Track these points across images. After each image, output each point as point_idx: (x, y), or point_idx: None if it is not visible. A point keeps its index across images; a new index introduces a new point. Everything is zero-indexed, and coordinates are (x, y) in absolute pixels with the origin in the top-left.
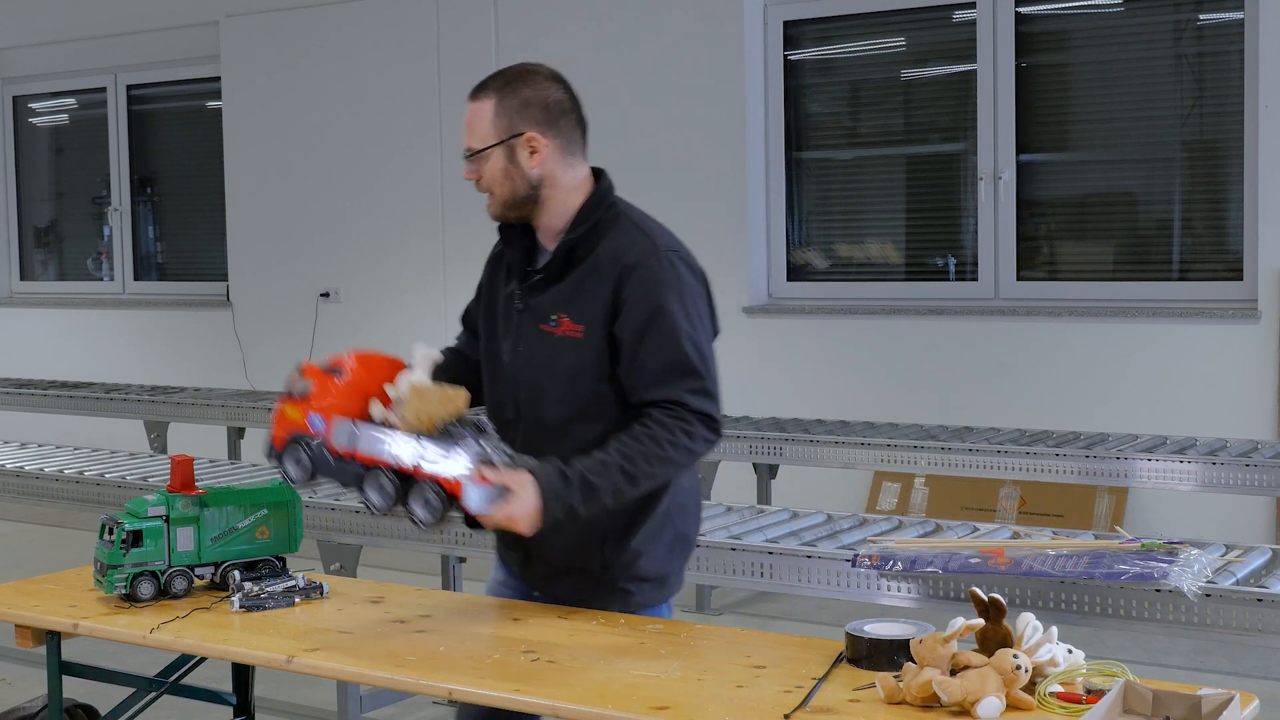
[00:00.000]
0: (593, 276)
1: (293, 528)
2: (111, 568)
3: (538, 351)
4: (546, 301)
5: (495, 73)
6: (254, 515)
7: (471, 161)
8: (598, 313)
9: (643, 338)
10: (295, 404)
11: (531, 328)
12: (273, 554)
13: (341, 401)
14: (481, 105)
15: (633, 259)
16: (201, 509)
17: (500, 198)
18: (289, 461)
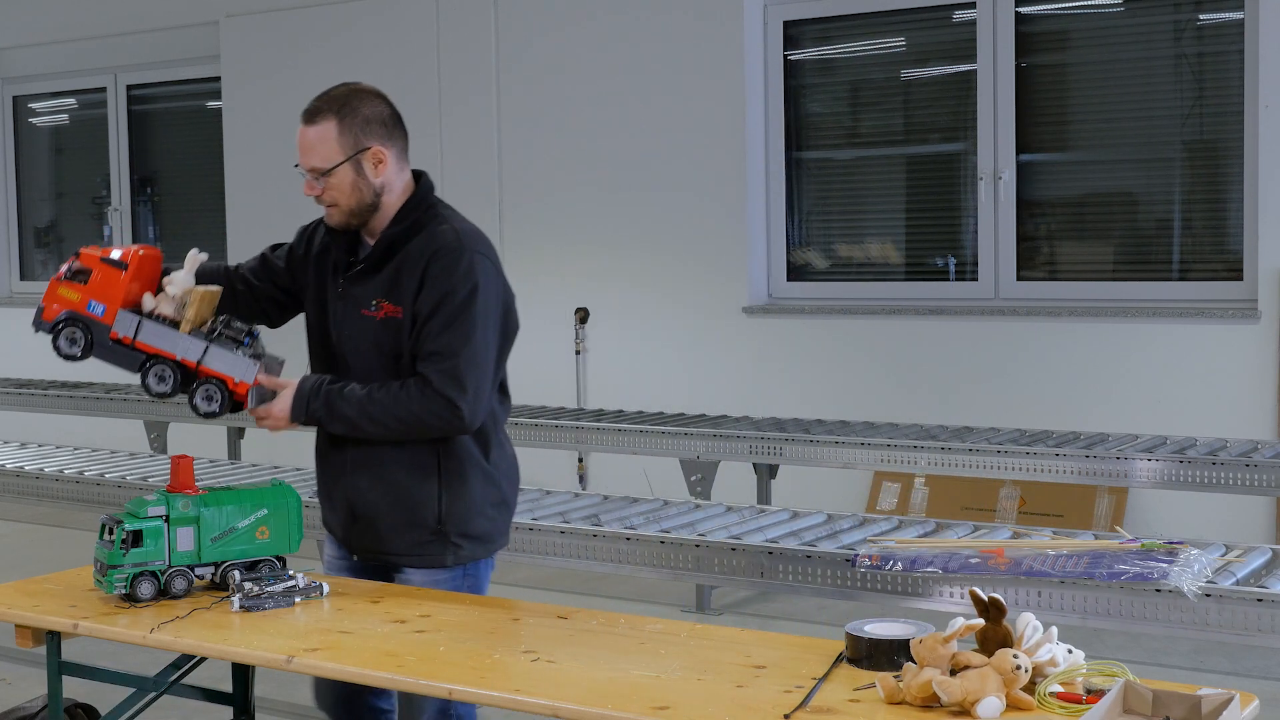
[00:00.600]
0: (407, 265)
1: (292, 528)
2: (111, 568)
3: (362, 334)
4: (367, 290)
5: (323, 96)
6: (254, 515)
7: (316, 179)
8: (411, 295)
9: (429, 317)
10: (72, 286)
11: (354, 313)
12: (273, 554)
13: (120, 292)
14: (322, 127)
15: (438, 248)
16: (201, 509)
17: (346, 208)
18: (64, 339)
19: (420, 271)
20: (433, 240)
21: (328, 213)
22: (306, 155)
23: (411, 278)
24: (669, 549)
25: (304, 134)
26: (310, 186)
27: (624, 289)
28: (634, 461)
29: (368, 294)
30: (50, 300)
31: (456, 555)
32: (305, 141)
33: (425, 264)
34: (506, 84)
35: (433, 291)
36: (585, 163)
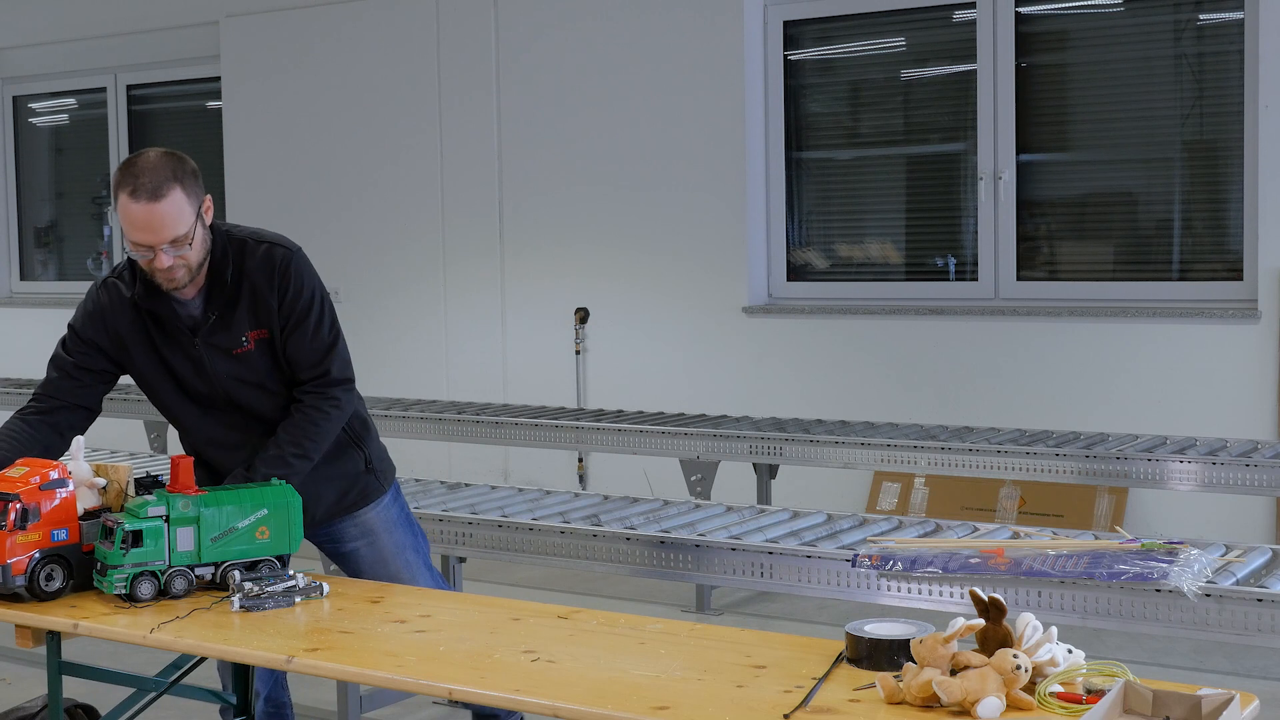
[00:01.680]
0: (257, 289)
1: (293, 528)
2: (111, 568)
3: (242, 369)
4: (231, 332)
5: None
6: (254, 515)
7: (179, 246)
8: (272, 312)
9: (296, 326)
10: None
11: (225, 358)
12: (272, 554)
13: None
14: (172, 198)
15: (274, 264)
16: (201, 509)
17: (196, 263)
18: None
19: (275, 289)
20: (269, 258)
21: (169, 278)
22: (163, 230)
23: (266, 298)
24: (669, 549)
25: (154, 211)
26: (162, 259)
27: (624, 289)
28: (634, 461)
29: (232, 336)
30: (12, 554)
31: (385, 479)
32: (157, 218)
33: (275, 281)
34: (506, 84)
35: (293, 301)
36: (585, 162)
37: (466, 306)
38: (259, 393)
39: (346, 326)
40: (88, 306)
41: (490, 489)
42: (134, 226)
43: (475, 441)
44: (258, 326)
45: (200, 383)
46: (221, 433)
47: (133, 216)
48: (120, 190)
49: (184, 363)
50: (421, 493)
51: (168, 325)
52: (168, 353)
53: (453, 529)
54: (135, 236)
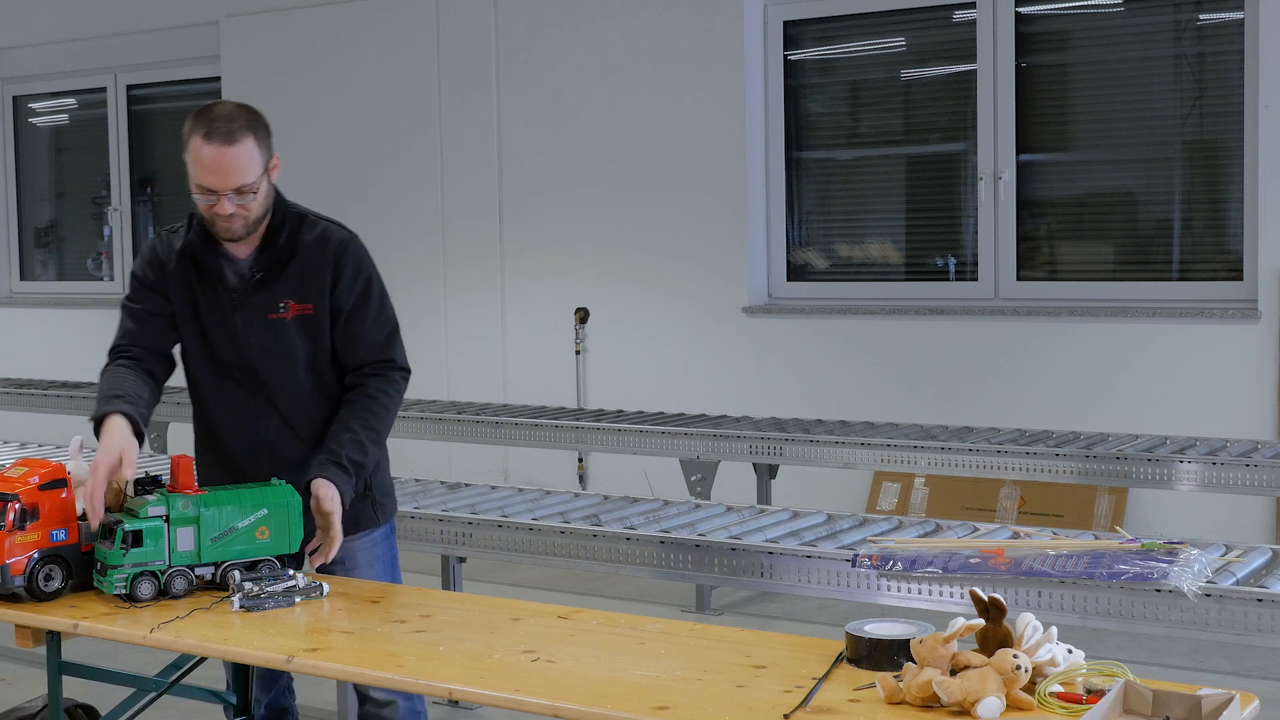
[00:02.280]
0: (308, 264)
1: (293, 528)
2: (111, 568)
3: (274, 338)
4: (270, 294)
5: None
6: (254, 516)
7: (244, 196)
8: (324, 290)
9: (359, 308)
10: (26, 531)
11: (259, 321)
12: (272, 554)
13: (73, 507)
14: (244, 145)
15: (338, 242)
16: (201, 509)
17: (255, 217)
18: (41, 578)
19: (331, 267)
20: (326, 236)
21: (228, 226)
22: (231, 175)
23: (320, 274)
24: (669, 549)
25: (226, 154)
26: (225, 205)
27: (624, 289)
28: (634, 461)
29: (271, 298)
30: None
31: (383, 512)
32: (227, 161)
33: (333, 260)
34: (506, 84)
35: (351, 285)
36: (585, 162)
37: (466, 306)
38: (285, 368)
39: None
40: (145, 254)
41: (490, 489)
42: (203, 169)
43: (475, 441)
44: (302, 300)
45: (229, 345)
46: (237, 406)
47: (204, 158)
48: (193, 133)
49: (218, 323)
50: (421, 493)
51: (212, 279)
52: (205, 309)
53: (453, 529)
54: (203, 179)
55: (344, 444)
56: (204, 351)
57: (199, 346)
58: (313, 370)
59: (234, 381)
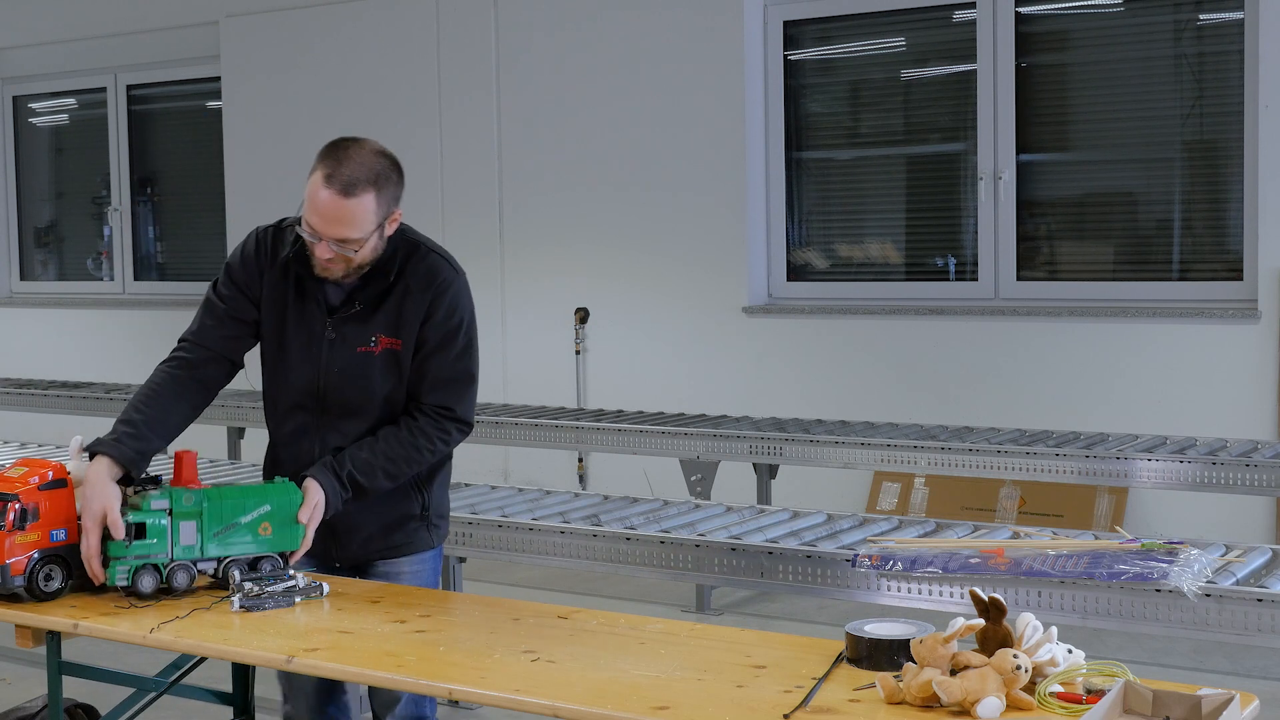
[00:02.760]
0: (408, 297)
1: (295, 526)
2: (115, 559)
3: (358, 370)
4: (365, 327)
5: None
6: (256, 511)
7: (345, 248)
8: (413, 326)
9: (441, 348)
10: (26, 531)
11: (348, 352)
12: (275, 550)
13: (73, 508)
14: (361, 200)
15: (439, 280)
16: (204, 503)
17: (359, 266)
18: (41, 578)
19: (427, 304)
20: (430, 270)
21: (324, 268)
22: (340, 226)
23: (415, 309)
24: (669, 549)
25: (339, 205)
26: (323, 250)
27: (624, 289)
28: (634, 461)
29: (365, 331)
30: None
31: (437, 534)
32: (341, 213)
33: (431, 296)
34: (506, 84)
35: (443, 323)
36: (585, 162)
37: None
38: (359, 401)
39: None
40: (247, 247)
41: (490, 489)
42: (313, 209)
43: (475, 441)
44: (393, 334)
45: (309, 364)
46: (299, 426)
47: (316, 200)
48: (318, 167)
49: (303, 342)
50: None
51: (308, 298)
52: (293, 325)
53: (453, 529)
54: (309, 218)
55: (359, 464)
56: (280, 366)
57: (276, 359)
58: (387, 405)
59: (301, 402)
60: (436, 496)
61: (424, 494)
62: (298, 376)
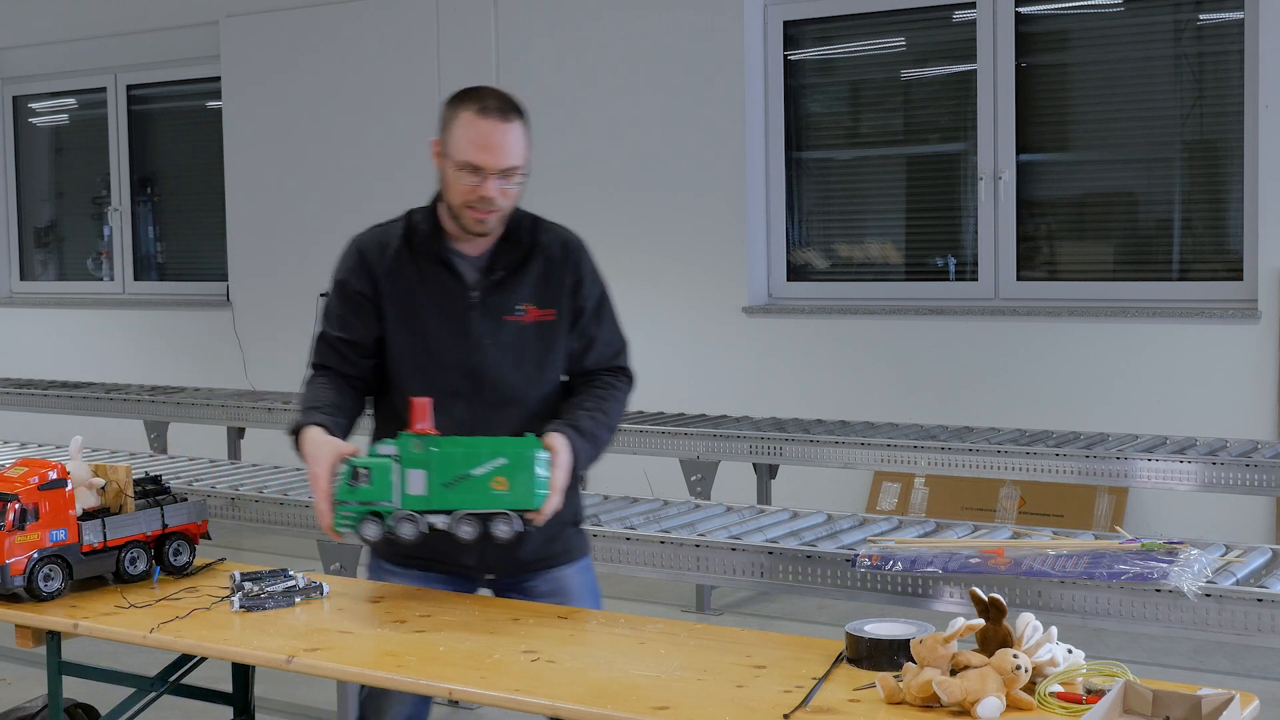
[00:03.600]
0: (550, 267)
1: (534, 483)
2: (339, 503)
3: (510, 341)
4: (509, 295)
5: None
6: (490, 464)
7: (508, 181)
8: (565, 294)
9: (597, 312)
10: (26, 531)
11: (495, 321)
12: (509, 508)
13: (72, 507)
14: (519, 126)
15: (575, 245)
16: (433, 450)
17: (508, 209)
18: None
19: (570, 272)
20: (563, 240)
21: (484, 214)
22: (504, 153)
23: (562, 277)
24: (669, 549)
25: (504, 131)
26: (490, 187)
27: (624, 289)
28: (634, 461)
29: (508, 299)
30: (11, 554)
31: (587, 541)
32: (506, 137)
33: (574, 264)
34: (506, 84)
35: (593, 287)
36: (585, 162)
37: None
38: (517, 375)
39: None
40: (350, 259)
41: None
42: (475, 145)
43: None
44: (542, 305)
45: (459, 348)
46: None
47: (477, 133)
48: (463, 108)
49: (446, 323)
50: None
51: (440, 276)
52: (429, 309)
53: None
54: (473, 155)
55: (579, 417)
56: (425, 354)
57: (420, 349)
58: (545, 379)
59: (456, 388)
60: (581, 498)
61: (577, 497)
62: (449, 355)
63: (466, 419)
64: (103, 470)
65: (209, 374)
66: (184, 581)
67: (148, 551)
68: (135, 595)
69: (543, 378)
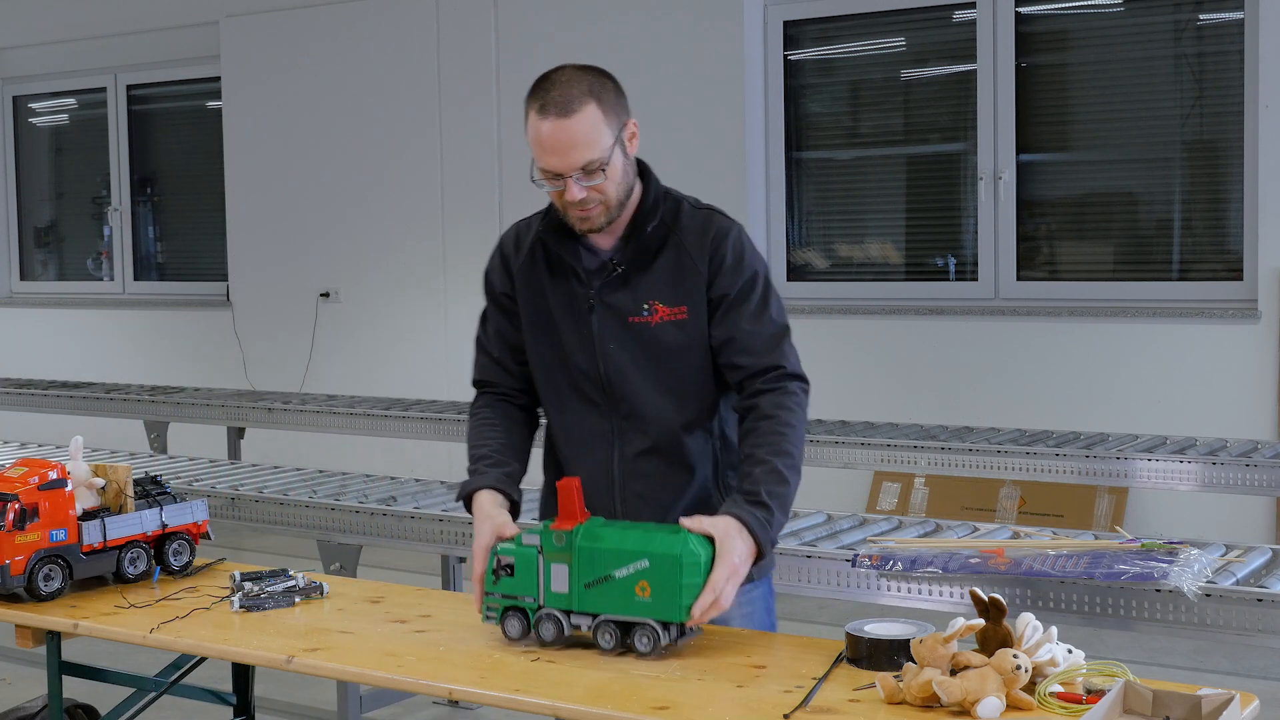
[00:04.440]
0: (684, 255)
1: (681, 592)
2: (486, 594)
3: (635, 346)
4: (633, 293)
5: (559, 85)
6: (633, 566)
7: (593, 175)
8: (698, 290)
9: (738, 302)
10: (26, 531)
11: (618, 325)
12: (653, 617)
13: (71, 507)
14: (584, 114)
15: (719, 228)
16: (577, 544)
17: (614, 200)
18: (41, 580)
19: (707, 257)
20: (703, 223)
21: (583, 216)
22: (573, 151)
23: (695, 269)
24: None
25: (564, 128)
26: (573, 190)
27: None
28: None
29: (634, 297)
30: (11, 554)
31: (765, 563)
32: (570, 134)
33: (711, 248)
34: (506, 84)
35: (733, 270)
36: None
37: (466, 306)
38: (646, 382)
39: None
40: (494, 253)
41: None
42: (541, 148)
43: None
44: (673, 302)
45: (582, 353)
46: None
47: (540, 136)
48: (529, 109)
49: (571, 325)
50: (422, 493)
51: (565, 272)
52: (557, 309)
53: (453, 529)
54: (543, 161)
55: (758, 478)
56: (554, 358)
57: (549, 351)
58: (687, 389)
59: (583, 397)
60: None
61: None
62: (578, 360)
63: (605, 433)
64: (103, 470)
65: (209, 374)
66: (184, 581)
67: (148, 551)
68: (135, 595)
69: (684, 388)
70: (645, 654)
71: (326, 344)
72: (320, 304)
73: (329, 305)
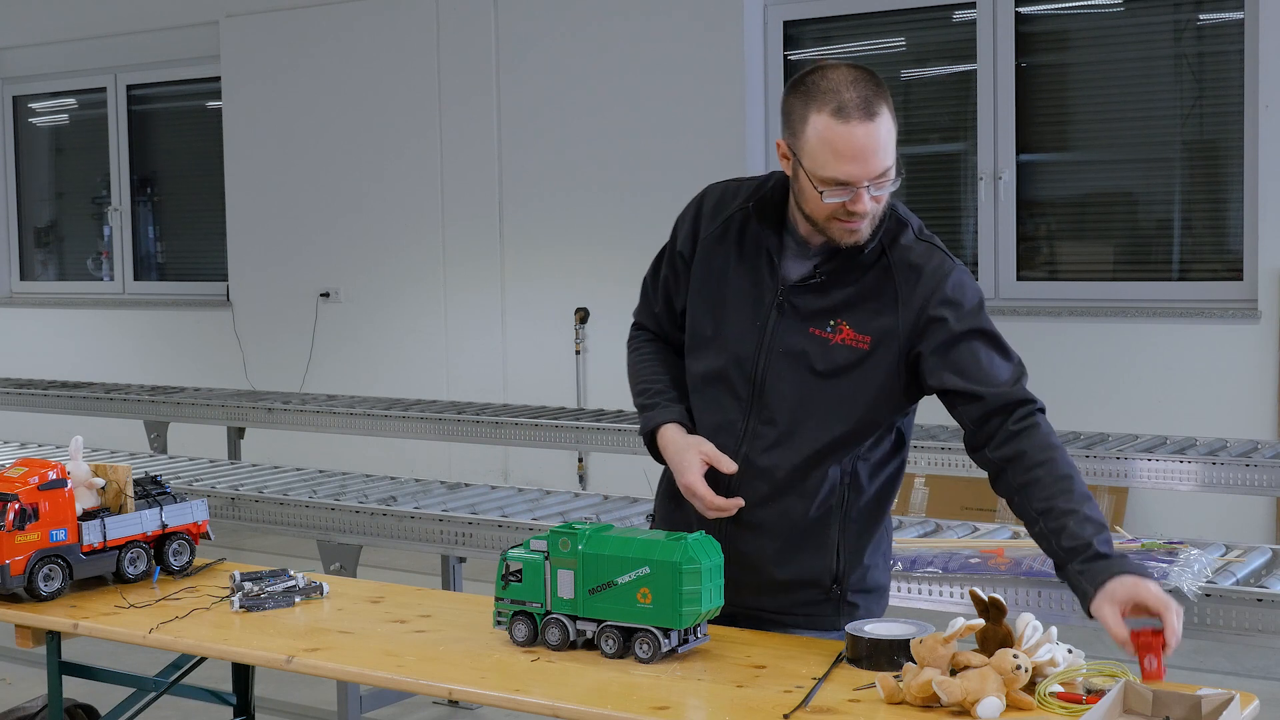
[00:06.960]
0: (890, 284)
1: (682, 600)
2: (496, 600)
3: (805, 359)
4: (822, 305)
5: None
6: (634, 573)
7: (882, 184)
8: (895, 328)
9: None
10: (26, 531)
11: (795, 329)
12: (654, 624)
13: (73, 506)
14: (885, 117)
15: (936, 266)
16: (581, 551)
17: (884, 211)
18: (41, 580)
19: (920, 302)
20: (919, 254)
21: (855, 230)
22: (876, 158)
23: (894, 301)
24: None
25: (870, 133)
26: (862, 201)
27: (624, 289)
28: (634, 461)
29: (824, 309)
30: (11, 554)
31: (851, 615)
32: (874, 142)
33: (928, 294)
34: (506, 84)
35: (952, 300)
36: (585, 163)
37: (466, 306)
38: (797, 396)
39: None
40: (690, 207)
41: (490, 489)
42: (840, 157)
43: (475, 441)
44: (861, 329)
45: (746, 343)
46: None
47: (841, 143)
48: (816, 110)
49: (746, 311)
50: (421, 493)
51: (762, 257)
52: (735, 288)
53: (453, 529)
54: (838, 168)
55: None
56: (712, 335)
57: (709, 327)
58: (832, 413)
59: (727, 385)
60: (863, 566)
61: (839, 553)
62: (738, 347)
63: (736, 429)
64: (103, 470)
65: (209, 374)
66: (184, 581)
67: (148, 551)
68: (135, 595)
69: (834, 413)
70: (645, 660)
71: (326, 344)
72: (320, 304)
73: (329, 305)
